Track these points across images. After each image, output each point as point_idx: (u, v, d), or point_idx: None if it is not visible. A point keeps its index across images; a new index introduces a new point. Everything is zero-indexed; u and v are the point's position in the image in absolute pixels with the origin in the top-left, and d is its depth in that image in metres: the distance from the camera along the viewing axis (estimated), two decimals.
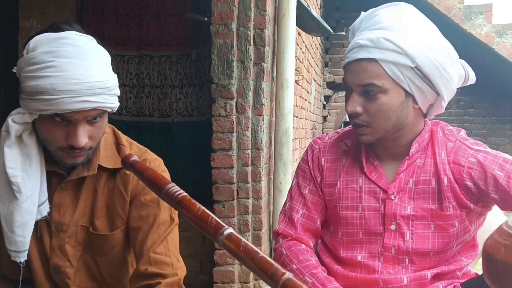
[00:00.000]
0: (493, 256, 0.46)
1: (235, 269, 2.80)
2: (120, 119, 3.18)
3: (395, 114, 1.22)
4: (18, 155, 1.21)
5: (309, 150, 1.42)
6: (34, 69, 1.13)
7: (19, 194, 1.20)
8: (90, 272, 1.34)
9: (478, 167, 1.22)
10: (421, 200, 1.26)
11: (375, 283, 1.27)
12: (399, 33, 1.19)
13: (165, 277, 1.25)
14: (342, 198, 1.32)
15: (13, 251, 1.24)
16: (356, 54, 1.21)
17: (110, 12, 3.20)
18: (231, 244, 0.78)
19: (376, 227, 1.29)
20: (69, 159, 1.22)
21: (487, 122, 7.61)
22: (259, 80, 2.78)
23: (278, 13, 2.96)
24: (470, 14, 6.18)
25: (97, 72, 1.16)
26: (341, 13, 7.25)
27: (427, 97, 1.23)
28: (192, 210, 0.87)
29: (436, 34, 1.24)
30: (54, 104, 1.12)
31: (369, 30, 1.23)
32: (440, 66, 1.19)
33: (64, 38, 1.16)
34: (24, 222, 1.22)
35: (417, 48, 1.18)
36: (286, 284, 0.68)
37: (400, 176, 1.28)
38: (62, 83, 1.12)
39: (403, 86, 1.20)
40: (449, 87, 1.23)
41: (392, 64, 1.18)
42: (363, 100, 1.23)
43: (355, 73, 1.22)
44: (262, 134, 2.80)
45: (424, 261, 1.28)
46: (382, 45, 1.18)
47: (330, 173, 1.37)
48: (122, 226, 1.31)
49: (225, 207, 2.77)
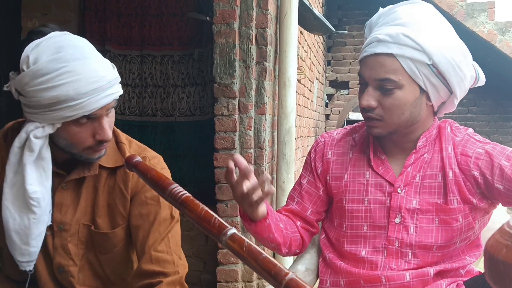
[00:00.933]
0: (494, 256, 0.46)
1: (239, 268, 2.81)
2: (123, 119, 3.19)
3: (408, 109, 1.24)
4: (36, 170, 1.20)
5: (314, 143, 1.47)
6: (46, 80, 1.11)
7: (38, 209, 1.20)
8: (93, 270, 1.34)
9: (486, 157, 1.24)
10: (427, 194, 1.27)
11: (377, 280, 1.27)
12: (417, 30, 1.21)
13: (167, 275, 1.25)
14: (349, 191, 1.34)
15: (25, 262, 1.24)
16: (375, 49, 1.22)
17: (112, 12, 3.21)
18: (234, 244, 0.79)
19: (381, 220, 1.30)
20: (95, 154, 1.24)
21: (490, 119, 7.60)
22: (261, 79, 2.79)
23: (280, 12, 2.96)
24: (472, 12, 6.17)
25: (103, 65, 1.18)
26: (343, 11, 7.24)
27: (440, 94, 1.25)
28: (195, 211, 0.87)
29: (452, 34, 1.26)
30: (82, 107, 1.13)
31: (388, 26, 1.24)
32: (455, 65, 1.21)
33: (61, 42, 1.15)
34: (39, 233, 1.23)
35: (435, 46, 1.20)
36: (289, 284, 0.68)
37: (407, 170, 1.30)
38: (84, 85, 1.12)
39: (418, 83, 1.22)
40: (462, 86, 1.26)
41: (410, 60, 1.20)
42: (378, 95, 1.24)
43: (372, 67, 1.24)
44: (264, 133, 2.80)
45: (427, 255, 1.28)
46: (401, 41, 1.19)
47: (337, 166, 1.39)
48: (123, 224, 1.32)
49: (228, 206, 2.78)
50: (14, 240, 1.21)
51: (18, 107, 1.22)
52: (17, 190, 1.20)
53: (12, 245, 1.22)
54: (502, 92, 7.41)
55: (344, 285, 1.33)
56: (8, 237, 1.22)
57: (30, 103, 1.15)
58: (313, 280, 1.49)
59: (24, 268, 1.25)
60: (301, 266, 1.49)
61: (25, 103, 1.16)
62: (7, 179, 1.20)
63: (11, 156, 1.19)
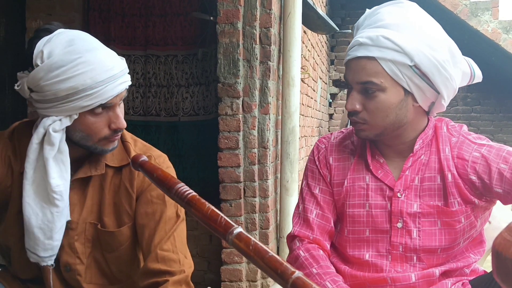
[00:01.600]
0: (502, 254, 0.46)
1: (243, 267, 2.81)
2: (127, 119, 3.15)
3: (393, 112, 1.23)
4: (56, 164, 1.22)
5: (315, 150, 1.42)
6: (62, 72, 1.13)
7: (61, 202, 1.22)
8: (100, 268, 1.35)
9: (483, 161, 1.22)
10: (427, 197, 1.26)
11: (383, 281, 1.27)
12: (398, 32, 1.19)
13: (173, 274, 1.26)
14: (349, 196, 1.32)
15: (47, 257, 1.25)
16: (356, 52, 1.22)
17: (117, 12, 3.21)
18: (240, 243, 0.79)
19: (383, 224, 1.29)
20: (110, 145, 1.27)
21: (494, 118, 7.57)
22: (265, 78, 2.79)
23: (283, 12, 2.96)
24: (476, 11, 6.15)
25: (112, 55, 1.22)
26: (347, 10, 7.24)
27: (426, 95, 1.23)
28: (202, 210, 0.87)
29: (438, 32, 1.24)
30: (99, 95, 1.16)
31: (370, 28, 1.24)
32: (439, 65, 1.19)
33: (72, 35, 1.19)
34: (61, 227, 1.25)
35: (416, 47, 1.18)
36: (296, 282, 0.69)
37: (405, 173, 1.28)
38: (100, 73, 1.16)
39: (402, 85, 1.21)
40: (449, 86, 1.23)
41: (391, 63, 1.19)
42: (362, 98, 1.24)
43: (354, 70, 1.23)
44: (268, 132, 2.80)
45: (432, 258, 1.28)
46: (381, 44, 1.18)
47: (339, 172, 1.36)
48: (129, 223, 1.32)
49: (232, 206, 2.78)
50: (37, 236, 1.22)
51: (23, 108, 1.23)
52: (37, 186, 1.22)
53: (35, 241, 1.23)
54: (507, 91, 7.39)
55: None
56: (30, 234, 1.22)
57: (45, 97, 1.17)
58: None
59: (45, 263, 1.26)
60: None
61: (39, 99, 1.18)
62: (27, 176, 1.21)
63: (30, 153, 1.21)
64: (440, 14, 6.11)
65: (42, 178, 1.21)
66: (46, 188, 1.21)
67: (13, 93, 3.23)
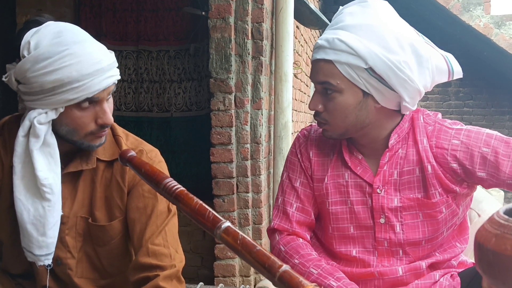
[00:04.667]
0: (484, 245, 0.47)
1: (236, 263, 2.81)
2: (119, 115, 3.18)
3: (352, 113, 1.23)
4: (44, 156, 1.20)
5: (296, 142, 1.42)
6: (49, 64, 1.12)
7: (51, 195, 1.20)
8: (91, 262, 1.35)
9: (463, 148, 1.23)
10: (406, 190, 1.27)
11: (371, 276, 1.28)
12: (356, 34, 1.19)
13: (163, 269, 1.26)
14: (330, 193, 1.33)
15: (43, 255, 1.23)
16: (316, 54, 1.25)
17: (108, 7, 3.19)
18: (228, 237, 0.79)
19: (366, 220, 1.29)
20: (97, 141, 1.25)
21: (486, 113, 7.60)
22: (257, 74, 2.78)
23: (275, 7, 2.96)
24: (468, 6, 6.16)
25: (101, 48, 1.20)
26: (339, 5, 7.22)
27: (386, 96, 1.22)
28: (190, 205, 0.87)
29: (399, 33, 1.21)
30: (85, 88, 1.15)
31: (331, 29, 1.26)
32: (394, 67, 1.18)
33: (60, 27, 1.18)
34: (54, 223, 1.23)
35: (370, 49, 1.17)
36: (283, 276, 0.69)
37: (383, 169, 1.29)
38: (86, 66, 1.14)
39: (359, 86, 1.21)
40: (408, 87, 1.21)
41: (347, 65, 1.20)
42: (323, 99, 1.26)
43: (314, 71, 1.26)
44: (261, 128, 2.80)
45: (417, 250, 1.29)
46: (337, 47, 1.20)
47: (318, 167, 1.37)
48: (120, 217, 1.32)
49: (225, 201, 2.78)
50: (30, 233, 1.21)
51: (14, 103, 1.22)
52: (27, 181, 1.21)
53: (29, 238, 1.21)
54: (499, 86, 7.42)
55: None
56: (24, 231, 1.21)
57: (31, 89, 1.15)
58: None
59: (42, 263, 1.24)
60: None
61: (25, 91, 1.17)
62: (15, 171, 1.20)
63: (17, 146, 1.20)
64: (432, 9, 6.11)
65: (31, 172, 1.20)
66: (35, 182, 1.19)
67: (4, 89, 3.21)
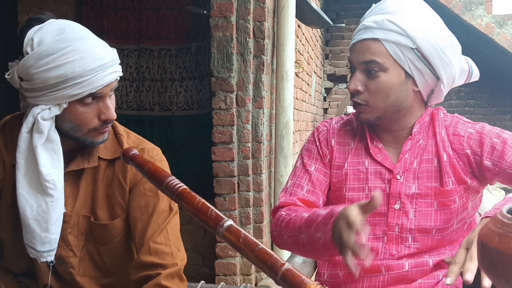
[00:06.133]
0: (487, 244, 0.47)
1: (237, 261, 2.82)
2: (121, 113, 3.18)
3: (394, 93, 1.27)
4: (47, 152, 1.21)
5: (315, 132, 1.45)
6: (52, 60, 1.13)
7: (54, 191, 1.21)
8: (93, 261, 1.35)
9: (477, 136, 1.30)
10: (424, 179, 1.30)
11: (377, 270, 1.28)
12: (402, 17, 1.26)
13: (165, 267, 1.26)
14: (349, 179, 1.35)
15: (46, 252, 1.24)
16: (362, 35, 1.29)
17: (109, 6, 3.20)
18: (231, 236, 0.79)
19: (381, 207, 1.30)
20: (100, 137, 1.26)
21: (488, 113, 7.60)
22: (259, 73, 2.78)
23: (277, 6, 2.96)
24: (470, 5, 6.16)
25: (103, 45, 1.22)
26: (341, 4, 7.22)
27: (426, 80, 1.28)
28: (192, 203, 0.87)
29: (439, 22, 1.30)
30: (88, 84, 1.16)
31: (376, 15, 1.31)
32: (440, 50, 1.25)
33: (62, 24, 1.19)
34: (57, 219, 1.24)
35: (418, 31, 1.24)
36: (285, 274, 0.69)
37: (405, 156, 1.32)
38: (90, 62, 1.15)
39: (403, 67, 1.26)
40: (448, 72, 1.28)
41: (394, 44, 1.24)
42: (364, 79, 1.29)
43: (359, 51, 1.29)
44: (262, 127, 2.80)
45: (427, 239, 1.30)
46: (386, 26, 1.25)
47: (340, 154, 1.39)
48: (122, 215, 1.32)
49: (226, 200, 2.78)
50: (33, 229, 1.21)
51: (16, 103, 1.23)
52: (30, 176, 1.21)
53: (32, 234, 1.22)
54: (500, 86, 7.41)
55: (343, 277, 1.33)
56: (27, 227, 1.22)
57: (35, 86, 1.16)
58: (310, 272, 1.50)
59: (45, 259, 1.25)
60: (298, 258, 1.50)
61: (28, 87, 1.18)
62: (19, 167, 1.21)
63: (20, 142, 1.20)
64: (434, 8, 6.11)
65: (34, 168, 1.20)
66: (38, 178, 1.20)
67: (6, 87, 3.21)
